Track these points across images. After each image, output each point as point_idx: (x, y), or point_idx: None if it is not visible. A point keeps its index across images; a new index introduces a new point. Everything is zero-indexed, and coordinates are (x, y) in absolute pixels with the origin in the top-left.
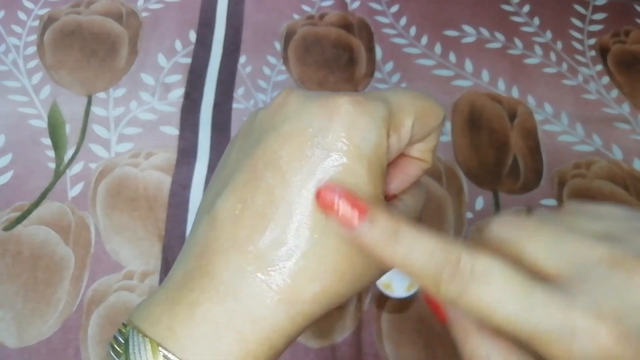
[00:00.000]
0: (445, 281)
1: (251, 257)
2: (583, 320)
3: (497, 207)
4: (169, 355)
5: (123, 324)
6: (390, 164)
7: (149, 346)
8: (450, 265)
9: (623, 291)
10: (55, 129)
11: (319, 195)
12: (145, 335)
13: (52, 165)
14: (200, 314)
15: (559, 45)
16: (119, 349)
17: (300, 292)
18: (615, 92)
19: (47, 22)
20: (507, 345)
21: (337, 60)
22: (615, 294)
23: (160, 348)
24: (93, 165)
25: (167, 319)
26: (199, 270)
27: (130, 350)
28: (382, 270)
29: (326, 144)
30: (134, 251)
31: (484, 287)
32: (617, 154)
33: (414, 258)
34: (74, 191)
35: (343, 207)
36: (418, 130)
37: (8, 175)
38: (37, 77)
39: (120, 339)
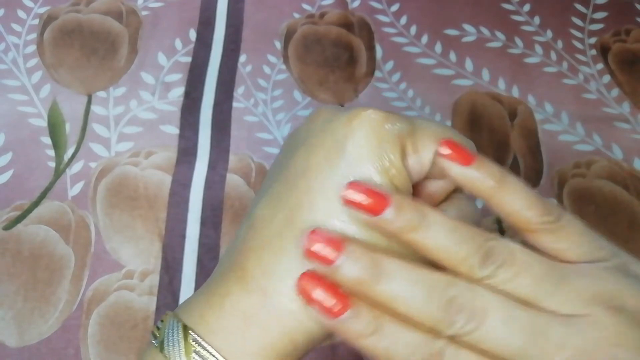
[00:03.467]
0: None
1: (277, 256)
2: None
3: None
4: (198, 338)
5: (166, 313)
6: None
7: (181, 330)
8: None
9: None
10: (55, 128)
11: (299, 282)
12: (179, 320)
13: (52, 164)
14: (230, 304)
15: (560, 44)
16: (156, 333)
17: None
18: (615, 92)
19: (47, 20)
20: None
21: (338, 59)
22: None
23: (190, 332)
24: (93, 165)
25: (201, 308)
26: (234, 265)
27: (165, 333)
28: None
29: (347, 152)
30: (134, 250)
31: None
32: (618, 153)
33: (396, 353)
34: (74, 190)
35: (322, 297)
36: None
37: (8, 174)
38: (37, 76)
39: (159, 325)
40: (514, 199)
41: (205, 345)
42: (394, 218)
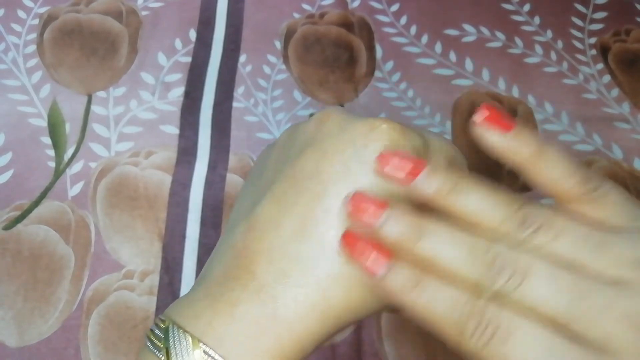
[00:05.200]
0: (468, 334)
1: (292, 261)
2: None
3: None
4: (209, 350)
5: (160, 318)
6: None
7: (189, 340)
8: (475, 318)
9: None
10: (55, 128)
11: (343, 239)
12: (185, 331)
13: (52, 164)
14: (240, 313)
15: (560, 44)
16: (157, 342)
17: (331, 298)
18: (615, 92)
19: (47, 20)
20: None
21: (338, 59)
22: None
23: (201, 343)
24: (93, 165)
25: (207, 316)
26: (239, 270)
27: (170, 344)
28: None
29: (365, 160)
30: (134, 250)
31: (508, 346)
32: (618, 153)
33: (436, 308)
34: (74, 190)
35: (367, 256)
36: None
37: (8, 174)
38: (36, 76)
39: (159, 333)
40: (552, 168)
41: (218, 358)
42: (429, 181)
